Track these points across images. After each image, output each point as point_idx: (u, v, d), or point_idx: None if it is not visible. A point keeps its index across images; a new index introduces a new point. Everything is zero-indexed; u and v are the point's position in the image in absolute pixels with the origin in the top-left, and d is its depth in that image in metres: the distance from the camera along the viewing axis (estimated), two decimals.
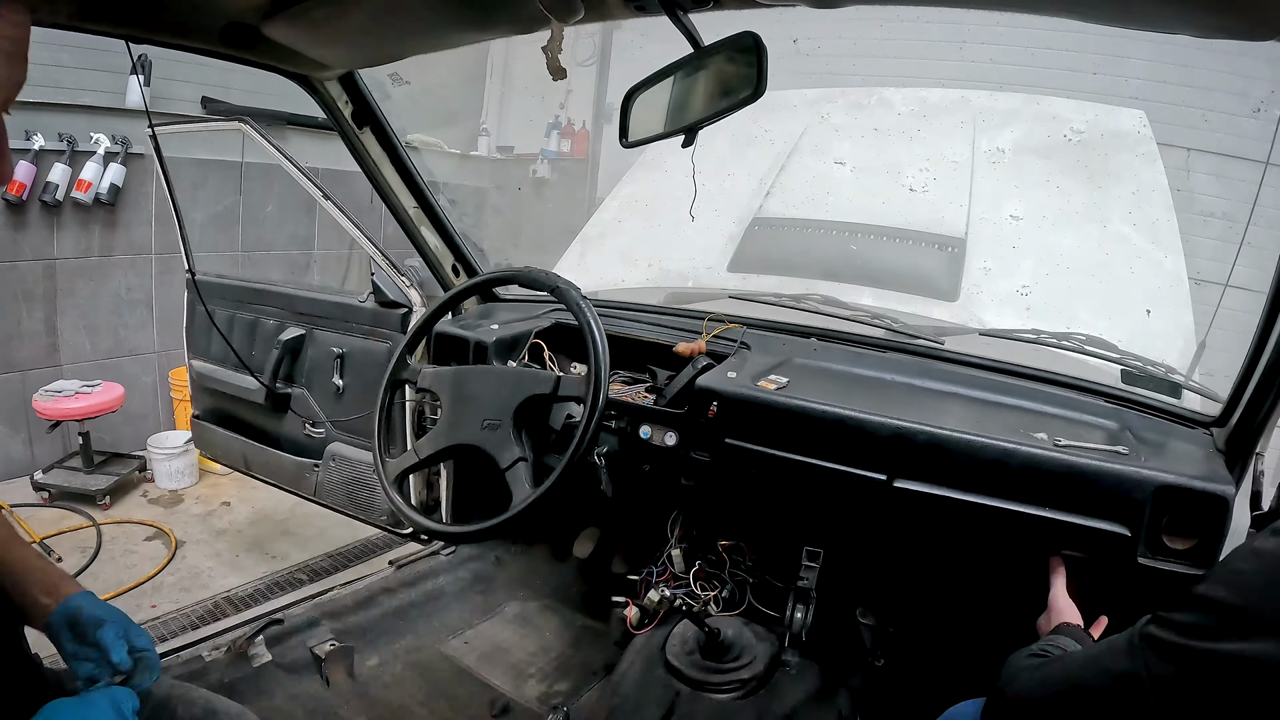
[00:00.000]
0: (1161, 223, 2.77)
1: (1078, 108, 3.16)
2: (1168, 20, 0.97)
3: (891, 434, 1.43)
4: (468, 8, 1.24)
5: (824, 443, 1.50)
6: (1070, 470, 1.32)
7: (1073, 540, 1.33)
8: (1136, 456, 1.34)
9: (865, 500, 1.49)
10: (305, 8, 1.27)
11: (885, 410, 1.49)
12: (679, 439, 1.67)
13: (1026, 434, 1.41)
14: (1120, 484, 1.28)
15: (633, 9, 1.14)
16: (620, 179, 3.67)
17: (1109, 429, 1.49)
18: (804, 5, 1.09)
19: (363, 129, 1.92)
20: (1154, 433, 1.49)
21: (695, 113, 1.19)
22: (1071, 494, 1.32)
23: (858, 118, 3.24)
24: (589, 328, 1.47)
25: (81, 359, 4.16)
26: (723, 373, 1.68)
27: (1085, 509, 1.31)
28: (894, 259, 2.73)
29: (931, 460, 1.41)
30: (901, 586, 1.90)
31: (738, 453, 1.59)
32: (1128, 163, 2.92)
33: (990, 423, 1.48)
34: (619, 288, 2.71)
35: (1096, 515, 1.30)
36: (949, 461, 1.40)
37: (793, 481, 1.57)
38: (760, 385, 1.58)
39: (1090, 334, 1.92)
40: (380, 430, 1.62)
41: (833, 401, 1.51)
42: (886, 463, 1.45)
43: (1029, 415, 1.53)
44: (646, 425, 1.71)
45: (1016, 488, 1.35)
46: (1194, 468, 1.31)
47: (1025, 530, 1.36)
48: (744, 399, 1.57)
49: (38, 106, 3.67)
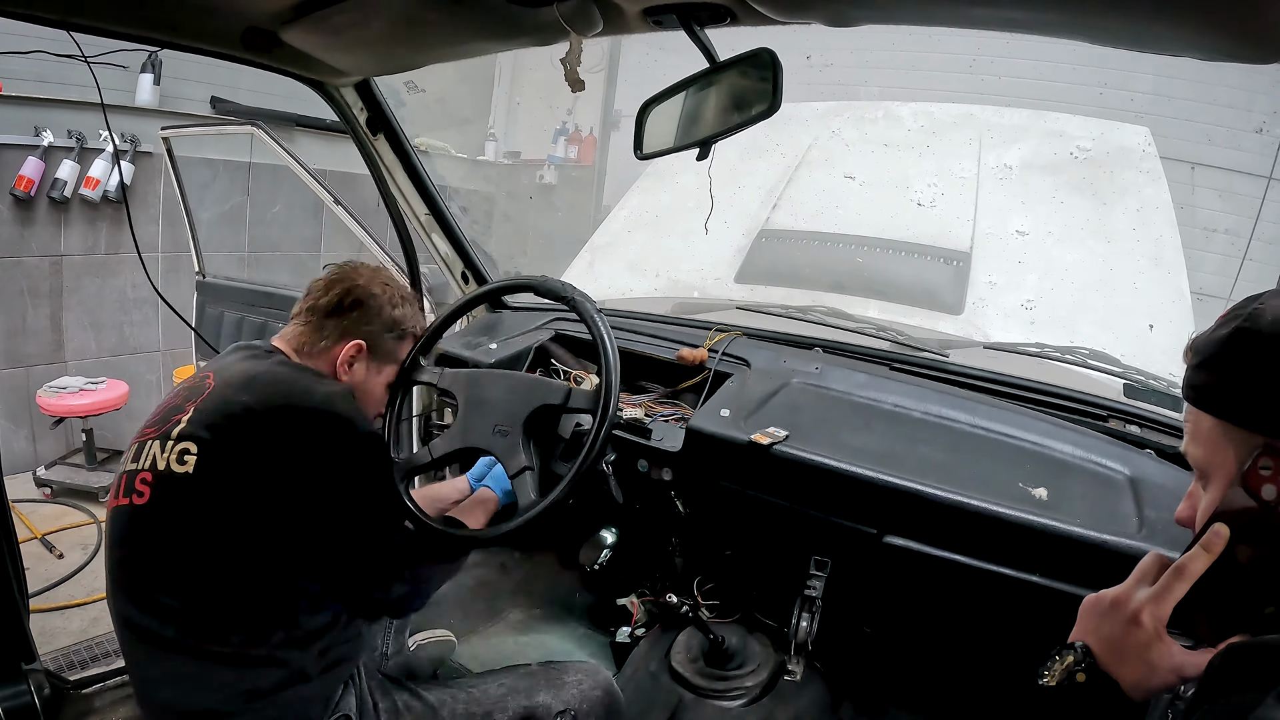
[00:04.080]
0: (1165, 238, 2.79)
1: (1084, 124, 3.18)
2: (1173, 43, 0.99)
3: (884, 490, 1.41)
4: (487, 19, 1.25)
5: (816, 493, 1.48)
6: (1064, 538, 1.28)
7: (1064, 608, 1.29)
8: (1138, 523, 1.30)
9: (856, 551, 1.48)
10: (325, 15, 1.28)
11: (882, 453, 1.47)
12: (674, 476, 1.67)
13: (1025, 490, 1.37)
14: (1116, 556, 1.23)
15: (651, 24, 1.15)
16: (626, 187, 3.69)
17: (1115, 481, 1.44)
18: (819, 23, 1.10)
19: (377, 135, 1.93)
20: (1160, 484, 1.42)
21: (709, 127, 1.20)
22: (1064, 562, 1.28)
23: (866, 131, 3.26)
24: (603, 343, 1.47)
25: (86, 356, 4.17)
26: (716, 411, 1.65)
27: (1078, 579, 1.26)
28: (900, 272, 2.74)
29: (923, 519, 1.39)
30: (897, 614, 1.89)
31: (731, 494, 1.59)
32: (1132, 179, 2.94)
33: (991, 467, 1.46)
34: (627, 297, 2.73)
35: (1088, 585, 1.24)
36: (940, 521, 1.37)
37: (786, 526, 1.57)
38: (754, 437, 1.55)
39: (1093, 348, 1.92)
40: (389, 430, 1.63)
41: (826, 450, 1.49)
42: (877, 517, 1.44)
43: (1030, 460, 1.49)
44: (643, 459, 1.71)
45: (1008, 552, 1.32)
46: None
47: (1016, 593, 1.33)
48: (735, 444, 1.54)
49: (47, 103, 3.68)
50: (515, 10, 1.15)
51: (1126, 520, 1.31)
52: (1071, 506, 1.33)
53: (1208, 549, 0.72)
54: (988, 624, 1.52)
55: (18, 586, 1.50)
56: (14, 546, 1.49)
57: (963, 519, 1.35)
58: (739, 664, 1.88)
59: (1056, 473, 1.45)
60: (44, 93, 3.64)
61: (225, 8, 1.29)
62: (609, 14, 1.13)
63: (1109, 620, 0.79)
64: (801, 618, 1.55)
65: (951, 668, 1.78)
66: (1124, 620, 0.77)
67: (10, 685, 1.50)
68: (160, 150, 2.94)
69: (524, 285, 1.72)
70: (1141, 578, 0.79)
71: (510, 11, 1.17)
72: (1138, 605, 0.76)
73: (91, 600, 3.02)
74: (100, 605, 3.00)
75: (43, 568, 3.15)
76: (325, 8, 1.25)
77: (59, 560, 3.24)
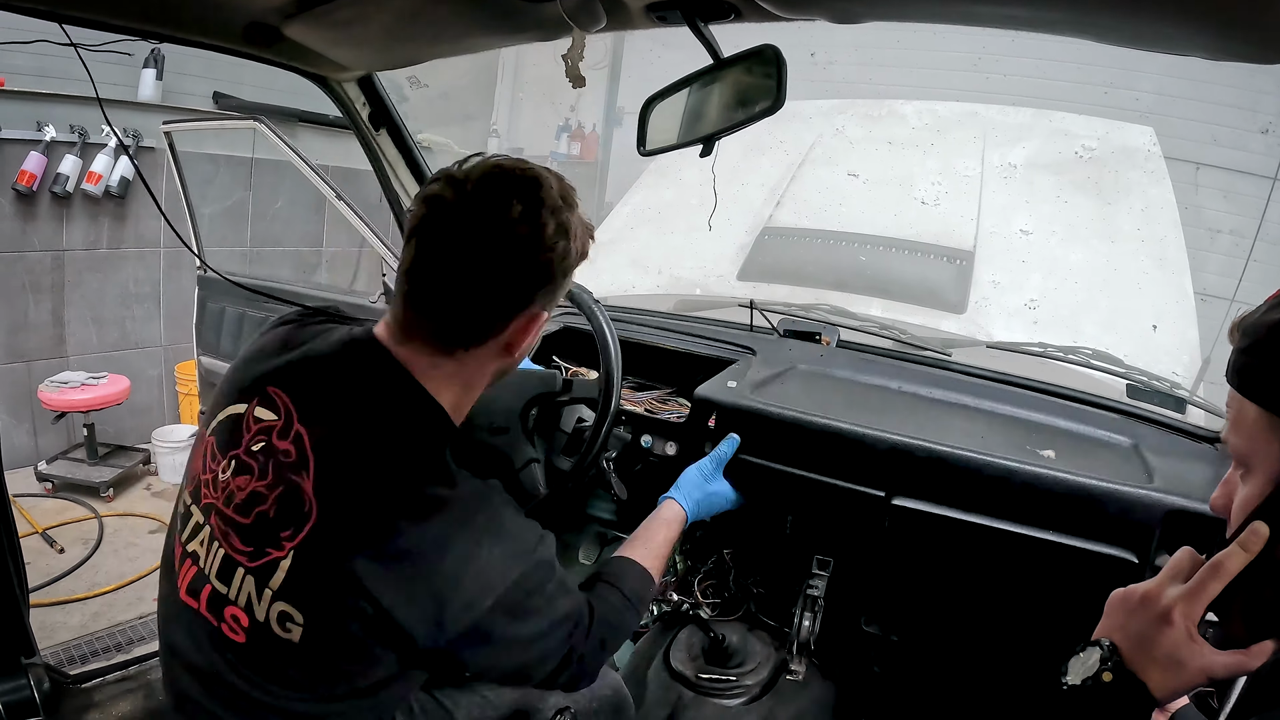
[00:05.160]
0: (1169, 239, 2.78)
1: (1088, 124, 3.18)
2: (1178, 42, 0.98)
3: (890, 449, 1.40)
4: (490, 14, 1.25)
5: (823, 456, 1.48)
6: (1076, 492, 1.27)
7: (1075, 565, 1.28)
8: (1146, 477, 1.31)
9: (865, 515, 1.47)
10: (328, 10, 1.28)
11: (887, 422, 1.47)
12: (679, 449, 1.67)
13: (1032, 451, 1.38)
14: (1129, 508, 1.24)
15: (654, 19, 1.15)
16: (629, 184, 3.69)
17: (1120, 446, 1.47)
18: (824, 20, 1.10)
19: (379, 131, 1.93)
20: (1165, 450, 1.45)
21: (713, 123, 1.20)
22: (1076, 516, 1.27)
23: (870, 129, 3.26)
24: (602, 331, 1.47)
25: (88, 351, 4.17)
26: (723, 382, 1.66)
27: (1090, 533, 1.26)
28: (903, 271, 2.74)
29: (931, 477, 1.38)
30: (903, 599, 1.90)
31: (737, 464, 1.59)
32: (1136, 179, 2.94)
33: (995, 436, 1.46)
34: (629, 294, 2.72)
35: (1102, 540, 1.26)
36: (949, 479, 1.36)
37: (792, 494, 1.56)
38: (758, 397, 1.57)
39: (1096, 348, 1.92)
40: None
41: (832, 414, 1.49)
42: (885, 479, 1.43)
43: (1036, 430, 1.51)
44: (648, 434, 1.71)
45: (1019, 508, 1.31)
46: (1205, 490, 1.29)
47: (1027, 552, 1.32)
48: (742, 410, 1.56)
49: (50, 98, 3.68)
50: (519, 5, 1.15)
51: (1136, 475, 1.31)
52: (1080, 464, 1.33)
53: (1245, 548, 0.69)
54: (1000, 592, 1.51)
55: (18, 581, 1.50)
56: (14, 541, 1.49)
57: (972, 476, 1.34)
58: (740, 663, 1.88)
59: (1063, 439, 1.46)
60: (46, 87, 3.63)
61: (228, 2, 1.28)
62: (612, 10, 1.12)
63: (1138, 617, 0.75)
64: (803, 616, 1.55)
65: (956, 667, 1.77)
66: (1154, 617, 0.73)
67: (10, 679, 1.50)
68: (162, 145, 2.93)
69: None
70: (1174, 575, 0.75)
71: (514, 6, 1.17)
72: (1169, 602, 0.73)
73: (91, 595, 3.02)
74: (100, 601, 3.00)
75: (43, 562, 3.15)
76: (328, 2, 1.25)
77: (60, 555, 3.24)
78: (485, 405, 1.55)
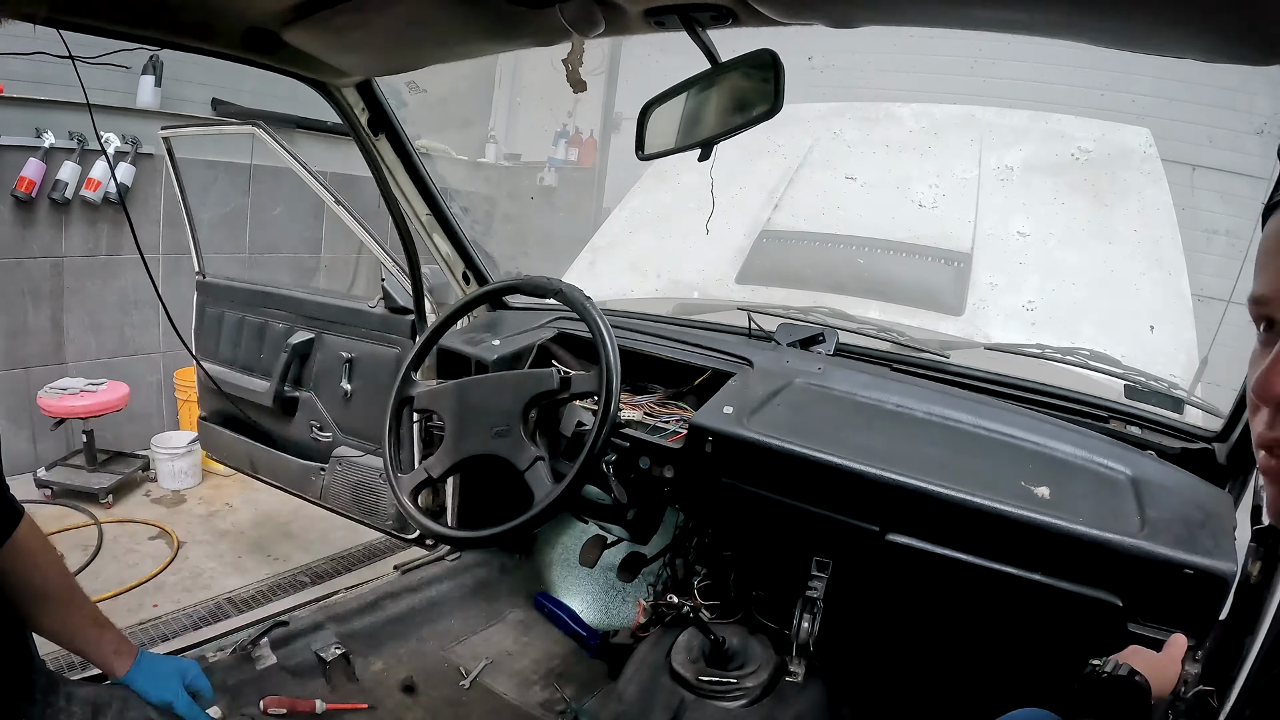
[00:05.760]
0: (1165, 240, 2.79)
1: (1085, 126, 3.18)
2: (1173, 45, 0.99)
3: (886, 486, 1.41)
4: (490, 20, 1.25)
5: (818, 489, 1.48)
6: (1066, 536, 1.27)
7: (1063, 606, 1.29)
8: (1138, 523, 1.30)
9: (859, 548, 1.47)
10: (327, 15, 1.28)
11: (885, 450, 1.47)
12: (676, 473, 1.67)
13: (1027, 489, 1.37)
14: (1117, 555, 1.23)
15: (652, 24, 1.15)
16: (626, 189, 3.70)
17: (1116, 480, 1.44)
18: (821, 24, 1.10)
19: (378, 136, 1.94)
20: (1161, 484, 1.43)
21: (711, 128, 1.21)
22: (1065, 560, 1.28)
23: (867, 132, 3.26)
24: (595, 324, 1.47)
25: (87, 357, 4.17)
26: (719, 407, 1.64)
27: (1078, 576, 1.27)
28: (901, 273, 2.74)
29: (925, 516, 1.39)
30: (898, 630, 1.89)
31: (733, 491, 1.58)
32: (1133, 180, 2.94)
33: (990, 467, 1.46)
34: (627, 298, 2.73)
35: (1089, 584, 1.27)
36: (943, 519, 1.37)
37: (788, 524, 1.56)
38: (755, 425, 1.56)
39: (1094, 349, 1.93)
40: (391, 448, 1.62)
41: (829, 444, 1.49)
42: (880, 514, 1.43)
43: (1033, 459, 1.49)
44: (645, 456, 1.70)
45: (1010, 550, 1.32)
46: (1196, 541, 1.25)
47: (1015, 591, 1.33)
48: (738, 440, 1.55)
49: (48, 104, 3.68)
50: (517, 11, 1.16)
51: (1128, 519, 1.31)
52: (1073, 505, 1.33)
53: None
54: (989, 623, 1.52)
55: None
56: None
57: (965, 516, 1.35)
58: (740, 665, 1.88)
59: (1058, 472, 1.45)
60: (45, 94, 3.64)
61: (226, 8, 1.29)
62: (611, 15, 1.13)
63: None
64: (803, 619, 1.55)
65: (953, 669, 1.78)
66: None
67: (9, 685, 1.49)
68: (161, 152, 2.94)
69: (511, 286, 1.72)
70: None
71: (512, 12, 1.17)
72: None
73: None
74: (99, 607, 2.99)
75: None
76: (327, 8, 1.25)
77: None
78: (485, 408, 1.56)
